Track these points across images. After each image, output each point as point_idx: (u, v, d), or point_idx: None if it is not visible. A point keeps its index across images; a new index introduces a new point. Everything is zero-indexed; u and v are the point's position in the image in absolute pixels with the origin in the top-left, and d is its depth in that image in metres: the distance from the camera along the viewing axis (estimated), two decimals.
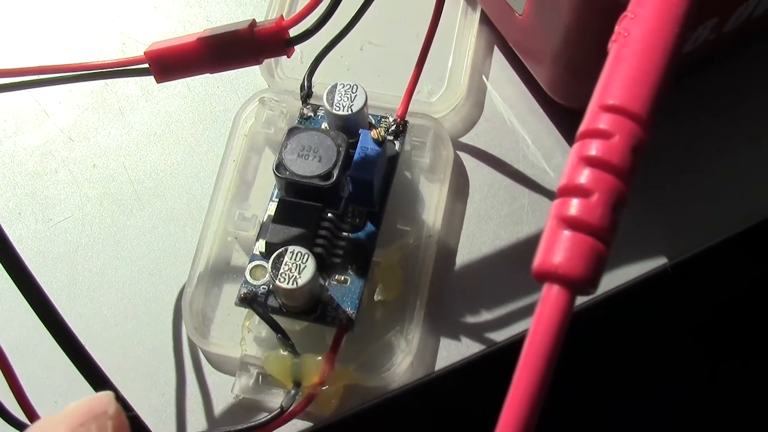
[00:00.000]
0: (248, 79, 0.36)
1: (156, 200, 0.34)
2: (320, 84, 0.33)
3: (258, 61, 0.29)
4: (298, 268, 0.29)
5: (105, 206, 0.34)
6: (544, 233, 0.18)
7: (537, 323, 0.18)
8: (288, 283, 0.29)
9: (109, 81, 0.36)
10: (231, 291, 0.32)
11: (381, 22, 0.35)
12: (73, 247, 0.33)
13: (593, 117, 0.19)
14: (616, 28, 0.20)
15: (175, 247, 0.33)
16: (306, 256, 0.29)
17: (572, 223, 0.18)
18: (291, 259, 0.29)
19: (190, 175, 0.34)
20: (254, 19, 0.29)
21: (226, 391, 0.31)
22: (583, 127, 0.19)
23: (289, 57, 0.29)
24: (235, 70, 0.30)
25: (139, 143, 0.35)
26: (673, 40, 0.19)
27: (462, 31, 0.36)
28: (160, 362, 0.32)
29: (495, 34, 0.36)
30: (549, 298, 0.18)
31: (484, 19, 0.36)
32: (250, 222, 0.32)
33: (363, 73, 0.36)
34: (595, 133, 0.18)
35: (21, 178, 0.34)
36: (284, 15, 0.36)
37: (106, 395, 0.20)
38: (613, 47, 0.20)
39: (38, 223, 0.34)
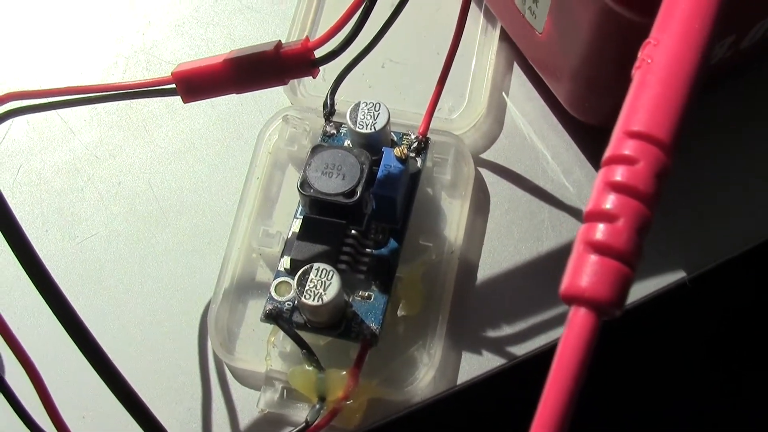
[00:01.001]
0: (272, 96, 0.36)
1: (181, 217, 0.35)
2: (342, 101, 0.34)
3: (284, 82, 0.30)
4: (324, 284, 0.29)
5: (130, 223, 0.34)
6: (571, 257, 0.18)
7: (564, 344, 0.18)
8: (314, 300, 0.29)
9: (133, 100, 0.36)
10: (256, 307, 0.32)
11: (402, 40, 0.36)
12: (99, 264, 0.34)
13: (618, 143, 0.19)
14: (640, 55, 0.21)
15: (200, 264, 0.34)
16: (331, 273, 0.29)
17: (599, 248, 0.18)
18: (316, 276, 0.29)
19: (215, 192, 0.35)
20: (280, 41, 0.29)
21: (251, 405, 0.31)
22: (608, 153, 0.19)
23: (314, 77, 0.29)
24: None
25: (163, 161, 0.36)
26: (695, 65, 0.20)
27: (482, 48, 0.36)
28: (186, 377, 0.32)
29: (514, 51, 0.36)
30: (576, 321, 0.18)
31: (504, 36, 0.36)
32: (274, 238, 0.33)
33: (384, 90, 0.36)
34: (620, 159, 0.19)
35: (47, 196, 0.35)
36: (308, 35, 0.36)
37: None
38: (636, 74, 0.20)
39: (65, 240, 0.34)
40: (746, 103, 0.36)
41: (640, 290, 0.32)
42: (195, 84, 0.29)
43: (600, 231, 0.18)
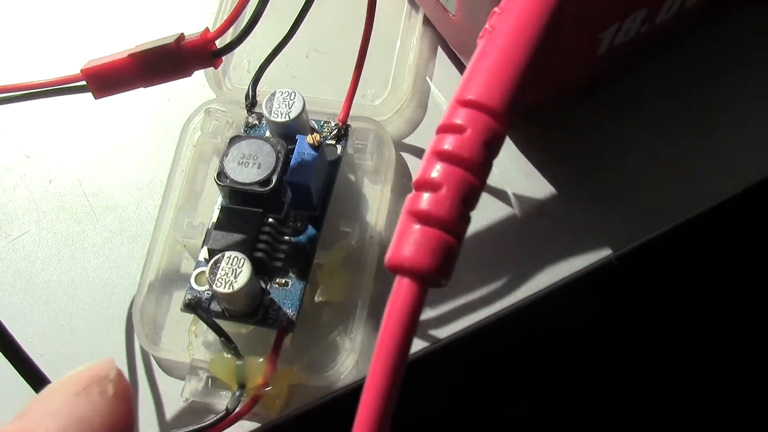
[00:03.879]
0: (198, 90, 0.36)
1: (109, 213, 0.35)
2: (266, 92, 0.34)
3: (188, 74, 0.30)
4: (234, 272, 0.29)
5: (61, 221, 0.35)
6: (397, 227, 0.19)
7: (389, 314, 0.18)
8: (225, 288, 0.29)
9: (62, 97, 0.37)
10: (180, 298, 0.32)
11: (326, 30, 0.36)
12: (30, 262, 0.34)
13: (451, 112, 0.19)
14: (486, 24, 0.21)
15: (128, 257, 0.34)
16: (242, 260, 0.30)
17: (421, 217, 0.18)
18: (228, 264, 0.30)
19: (142, 187, 0.35)
20: (182, 33, 0.29)
21: (177, 395, 0.31)
22: (441, 121, 0.19)
23: (216, 68, 0.30)
24: (186, 82, 0.30)
25: (93, 158, 0.36)
26: (536, 34, 0.20)
27: (405, 33, 0.36)
28: None
29: (437, 34, 0.36)
30: (400, 291, 0.18)
31: (427, 21, 0.36)
32: (197, 230, 0.33)
33: (309, 80, 0.36)
34: (450, 128, 0.19)
35: None
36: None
37: (107, 361, 0.20)
38: (479, 43, 0.20)
39: None
40: (677, 77, 0.36)
41: (565, 269, 0.33)
42: (103, 80, 0.30)
43: (423, 200, 0.19)
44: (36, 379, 0.27)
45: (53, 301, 0.34)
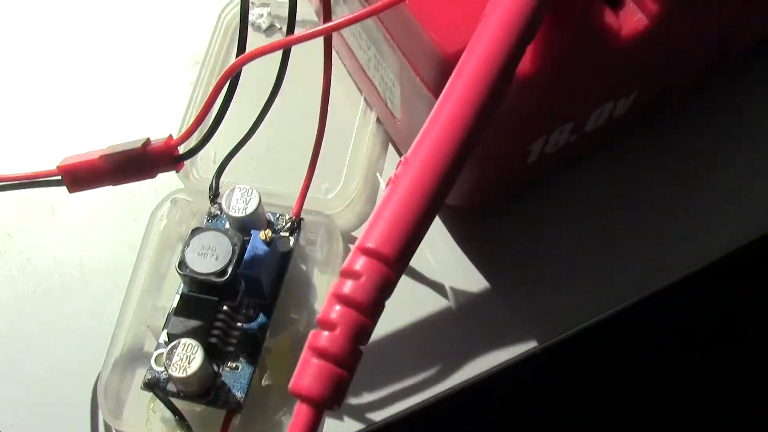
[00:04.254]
0: (168, 179, 0.39)
1: (81, 292, 0.38)
2: (229, 183, 0.37)
3: (152, 176, 0.33)
4: (188, 358, 0.32)
5: (37, 297, 0.38)
6: (300, 358, 0.22)
7: None
8: (179, 372, 0.32)
9: None
10: (143, 375, 0.35)
11: (286, 126, 0.39)
12: (5, 337, 0.37)
13: (352, 258, 0.22)
14: (394, 171, 0.24)
15: (94, 335, 0.37)
16: (196, 347, 0.33)
17: (319, 352, 0.21)
18: (183, 350, 0.32)
19: (112, 269, 0.38)
20: (149, 138, 0.32)
21: None
22: (343, 266, 0.22)
23: (177, 171, 0.33)
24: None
25: (68, 239, 0.39)
26: (432, 189, 0.23)
27: (360, 131, 0.39)
28: None
29: (388, 132, 0.39)
30: (300, 415, 0.21)
31: (380, 119, 0.39)
32: (161, 312, 0.36)
33: (269, 173, 0.39)
34: (349, 273, 0.22)
35: None
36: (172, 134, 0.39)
37: None
38: (386, 190, 0.23)
39: None
40: (612, 175, 0.39)
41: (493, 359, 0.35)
42: (77, 176, 0.32)
43: (321, 338, 0.22)
44: None
45: (26, 376, 0.37)
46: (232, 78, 0.31)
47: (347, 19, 0.27)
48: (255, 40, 0.42)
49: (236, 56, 0.30)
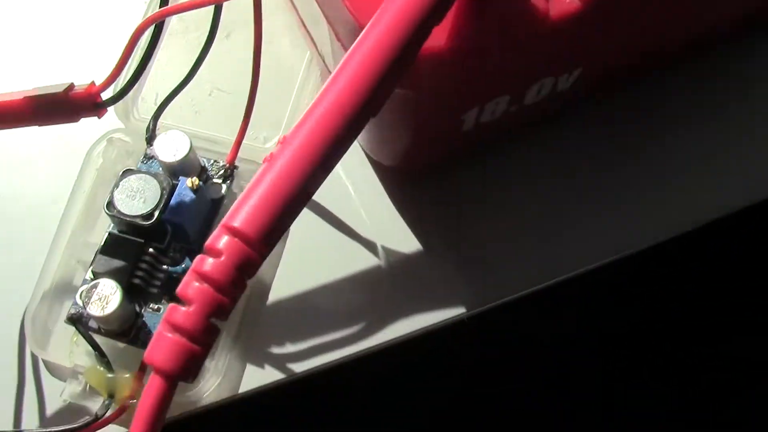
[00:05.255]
0: (110, 117, 0.39)
1: (12, 223, 0.39)
2: (169, 125, 0.37)
3: (75, 120, 0.33)
4: (106, 298, 0.33)
5: None
6: (156, 330, 0.22)
7: (142, 403, 0.22)
8: (97, 311, 0.33)
9: None
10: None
11: (230, 70, 0.39)
12: None
13: (216, 235, 0.22)
14: (274, 148, 0.24)
15: (26, 267, 0.37)
16: (115, 288, 0.33)
17: (174, 327, 0.22)
18: (101, 290, 0.33)
19: (47, 202, 0.39)
20: (72, 83, 0.32)
21: (58, 394, 0.35)
22: (206, 242, 0.23)
23: (99, 117, 0.33)
24: None
25: (2, 169, 0.40)
26: (306, 174, 0.23)
27: (303, 82, 0.39)
28: (4, 366, 0.36)
29: None
30: (152, 386, 0.22)
31: (326, 73, 0.39)
32: (92, 249, 0.36)
33: (210, 117, 0.40)
34: (211, 251, 0.22)
35: None
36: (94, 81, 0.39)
37: None
38: (259, 169, 0.23)
39: None
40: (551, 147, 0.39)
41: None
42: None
43: (177, 312, 0.22)
44: None
45: None
46: (157, 24, 0.31)
47: None
48: None
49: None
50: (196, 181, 0.35)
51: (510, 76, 0.33)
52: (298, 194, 0.23)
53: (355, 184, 0.38)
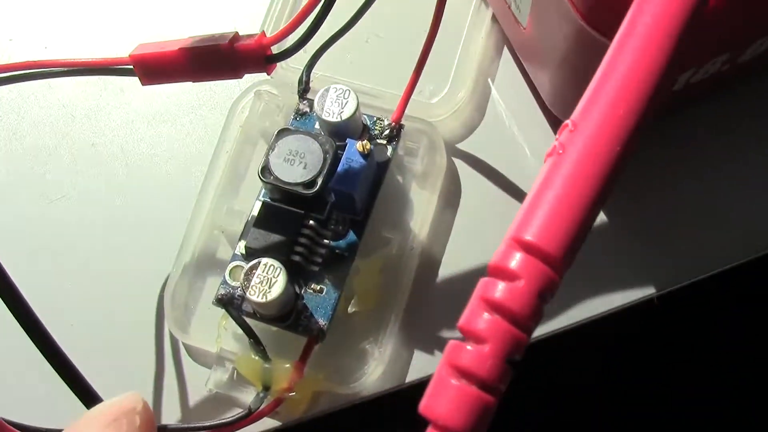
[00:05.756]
0: None
1: (149, 185, 0.34)
2: (321, 77, 0.33)
3: (238, 76, 0.29)
4: (269, 282, 0.29)
5: (100, 188, 0.34)
6: (435, 374, 0.18)
7: None
8: (258, 296, 0.29)
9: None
10: (214, 284, 0.32)
11: (389, 15, 0.35)
12: (66, 227, 0.34)
13: (505, 252, 0.18)
14: (556, 138, 0.19)
15: (164, 235, 0.33)
16: (279, 270, 0.29)
17: (461, 372, 0.17)
18: (263, 271, 0.29)
19: (185, 162, 0.35)
20: (237, 33, 0.28)
21: (201, 383, 0.31)
22: (493, 260, 0.18)
23: (269, 74, 0.29)
24: None
25: (137, 126, 0.35)
26: (611, 164, 0.18)
27: (472, 28, 0.34)
28: (140, 350, 0.32)
29: (505, 35, 0.34)
30: None
31: (496, 18, 0.34)
32: (237, 217, 0.32)
33: (365, 67, 0.35)
34: (502, 273, 0.18)
35: (20, 152, 0.35)
36: (265, 30, 0.35)
37: (134, 395, 0.22)
38: (546, 163, 0.19)
39: (35, 199, 0.34)
40: (739, 116, 0.34)
41: (605, 303, 0.32)
42: (151, 68, 0.29)
43: (465, 353, 0.17)
44: (86, 394, 0.27)
45: (83, 271, 0.33)
46: None
47: None
48: None
49: None
50: (367, 144, 0.30)
51: (742, 31, 0.28)
52: (601, 198, 0.18)
53: (532, 146, 0.33)
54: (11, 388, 0.32)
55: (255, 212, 0.32)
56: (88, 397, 0.26)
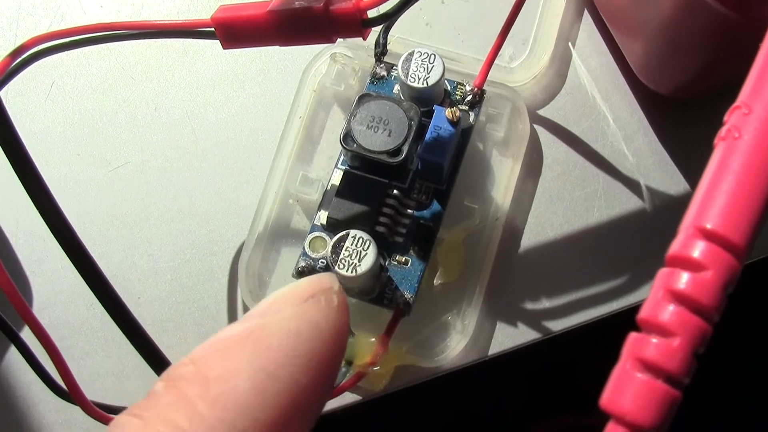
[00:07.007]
0: None
1: (217, 151, 0.33)
2: (397, 39, 0.32)
3: (331, 40, 0.27)
4: (359, 255, 0.28)
5: (165, 154, 0.33)
6: (617, 367, 0.17)
7: None
8: (347, 270, 0.28)
9: None
10: (288, 255, 0.31)
11: None
12: (130, 194, 0.33)
13: (687, 241, 0.17)
14: (726, 120, 0.18)
15: (234, 203, 0.32)
16: (368, 242, 0.28)
17: (649, 366, 0.16)
18: (352, 244, 0.28)
19: (255, 128, 0.33)
20: None
21: None
22: (674, 249, 0.17)
23: (364, 39, 0.27)
24: None
25: (203, 89, 0.34)
26: None
27: None
28: (212, 320, 0.31)
29: None
30: None
31: None
32: (312, 185, 0.31)
33: (443, 30, 0.33)
34: (686, 263, 0.17)
35: (80, 116, 0.33)
36: None
37: (329, 275, 0.21)
38: (719, 147, 0.18)
39: (97, 166, 0.33)
40: None
41: None
42: (235, 32, 0.27)
43: (651, 346, 0.16)
44: (157, 362, 0.26)
45: (152, 240, 0.32)
46: None
47: None
48: None
49: None
50: (456, 111, 0.29)
51: None
52: None
53: (614, 113, 0.32)
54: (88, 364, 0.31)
55: (334, 181, 0.30)
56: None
